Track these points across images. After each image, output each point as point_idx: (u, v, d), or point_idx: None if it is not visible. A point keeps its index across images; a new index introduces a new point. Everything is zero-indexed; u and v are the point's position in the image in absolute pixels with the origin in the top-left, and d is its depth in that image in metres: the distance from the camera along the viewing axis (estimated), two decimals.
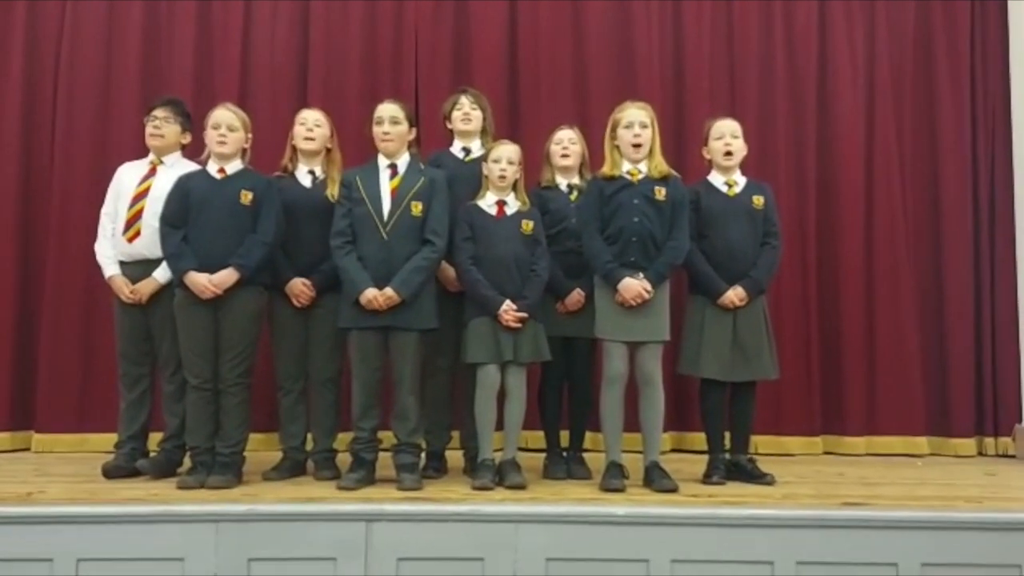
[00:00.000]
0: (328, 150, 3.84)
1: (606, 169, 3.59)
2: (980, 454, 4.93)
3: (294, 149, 3.84)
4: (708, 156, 3.87)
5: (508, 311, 3.48)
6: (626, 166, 3.58)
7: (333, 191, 3.67)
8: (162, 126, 3.86)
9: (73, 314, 4.66)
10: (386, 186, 3.55)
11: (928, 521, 3.00)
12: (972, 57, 5.14)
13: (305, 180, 3.81)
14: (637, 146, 3.55)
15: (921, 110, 5.14)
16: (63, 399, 4.64)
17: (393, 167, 3.60)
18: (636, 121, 3.56)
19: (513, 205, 3.65)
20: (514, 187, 3.66)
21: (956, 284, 5.01)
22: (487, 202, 3.65)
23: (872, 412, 4.90)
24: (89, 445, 4.54)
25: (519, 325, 3.49)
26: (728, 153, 3.79)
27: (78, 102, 4.80)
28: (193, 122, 3.91)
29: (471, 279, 3.55)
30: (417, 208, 3.51)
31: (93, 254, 3.91)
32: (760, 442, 4.58)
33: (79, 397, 4.65)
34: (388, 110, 3.63)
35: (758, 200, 3.80)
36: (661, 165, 3.57)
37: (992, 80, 5.15)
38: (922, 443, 4.86)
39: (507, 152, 3.65)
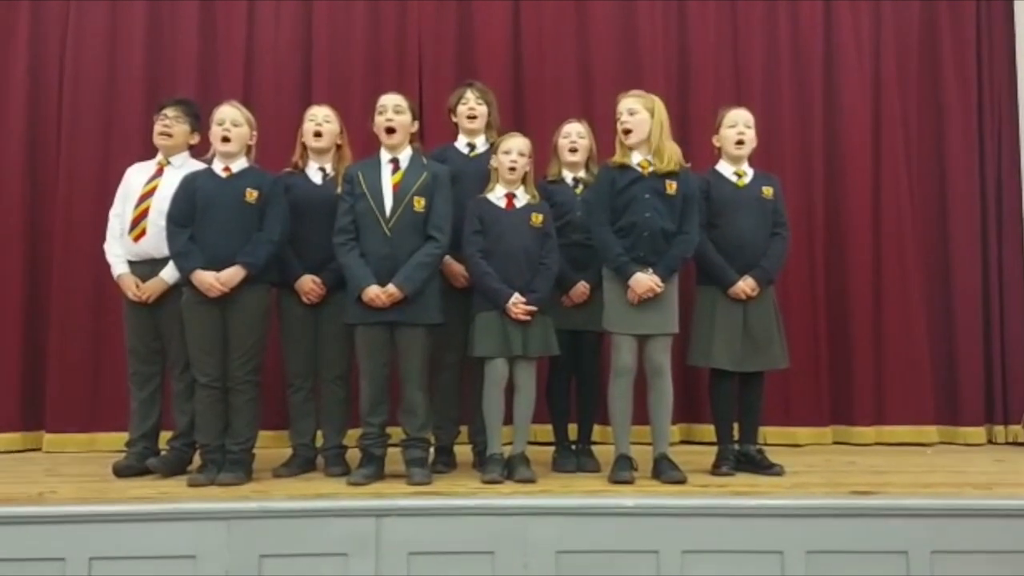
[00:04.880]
0: (338, 147, 3.85)
1: (616, 157, 3.58)
2: (990, 442, 4.91)
3: (304, 146, 3.84)
4: (718, 144, 3.86)
5: (517, 304, 3.48)
6: (636, 157, 3.57)
7: None
8: (172, 125, 3.87)
9: (82, 314, 4.67)
10: (388, 181, 3.54)
11: (938, 508, 3.00)
12: (978, 53, 5.12)
13: (315, 177, 3.82)
14: (626, 132, 3.53)
15: (927, 103, 5.12)
16: (73, 399, 4.64)
17: (395, 162, 3.59)
18: (624, 109, 3.56)
19: (523, 198, 3.64)
20: (523, 180, 3.65)
21: (964, 273, 5.00)
22: (496, 195, 3.64)
23: (881, 401, 4.90)
24: (100, 444, 4.56)
25: (528, 318, 3.49)
26: (740, 142, 3.78)
27: (82, 103, 4.80)
28: (202, 123, 3.91)
29: (480, 272, 3.54)
30: (420, 203, 3.50)
31: (100, 253, 3.93)
32: (769, 432, 4.57)
33: (89, 397, 4.66)
34: (391, 99, 3.62)
35: (767, 191, 3.80)
36: (672, 157, 3.53)
37: (998, 75, 5.13)
38: (931, 432, 4.85)
39: (518, 144, 3.64)
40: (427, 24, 4.96)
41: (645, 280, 3.45)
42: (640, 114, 3.54)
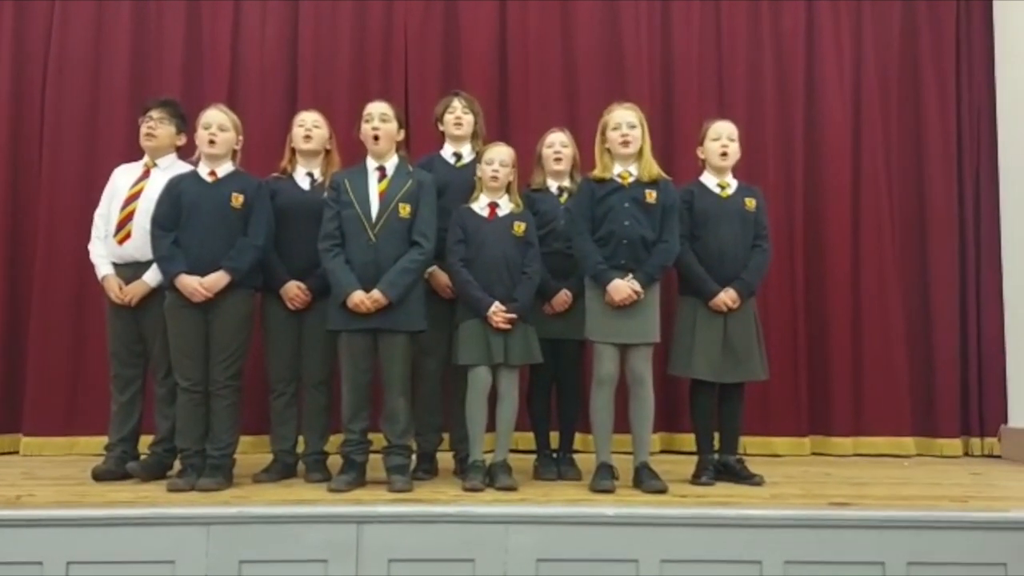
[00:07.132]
0: (327, 152, 3.85)
1: (597, 172, 3.61)
2: (966, 454, 4.97)
3: (293, 151, 3.84)
4: (702, 156, 3.89)
5: (498, 312, 3.49)
6: (617, 168, 3.59)
7: None
8: (156, 127, 3.86)
9: (62, 316, 4.65)
10: (374, 188, 3.55)
11: (914, 520, 3.03)
12: (957, 57, 5.19)
13: (303, 182, 3.82)
14: (626, 143, 3.56)
15: (907, 111, 5.18)
16: (52, 402, 4.62)
17: (381, 169, 3.59)
18: (624, 121, 3.58)
19: (505, 207, 3.65)
20: (507, 189, 3.67)
21: (942, 285, 5.06)
22: (480, 204, 3.66)
23: (859, 413, 4.94)
24: (78, 448, 4.54)
25: (508, 326, 3.50)
26: (724, 154, 3.81)
27: (66, 103, 4.79)
28: (188, 124, 3.90)
29: (461, 280, 3.56)
30: (405, 210, 3.51)
31: (82, 255, 3.91)
32: (749, 443, 4.61)
33: (68, 400, 4.64)
34: (378, 108, 3.64)
35: (750, 202, 3.82)
36: (652, 168, 3.58)
37: (977, 80, 5.20)
38: (908, 443, 4.90)
39: (500, 154, 3.66)
40: (413, 28, 4.97)
41: (623, 286, 3.46)
42: (638, 128, 3.58)
